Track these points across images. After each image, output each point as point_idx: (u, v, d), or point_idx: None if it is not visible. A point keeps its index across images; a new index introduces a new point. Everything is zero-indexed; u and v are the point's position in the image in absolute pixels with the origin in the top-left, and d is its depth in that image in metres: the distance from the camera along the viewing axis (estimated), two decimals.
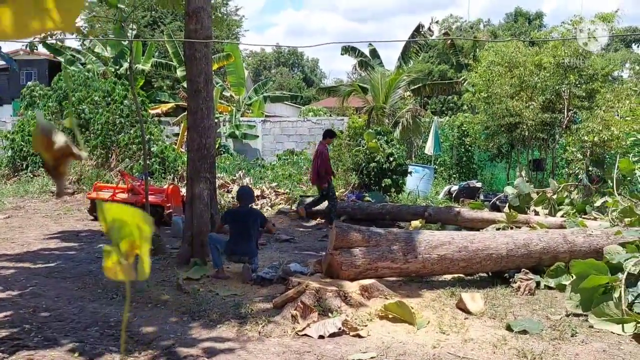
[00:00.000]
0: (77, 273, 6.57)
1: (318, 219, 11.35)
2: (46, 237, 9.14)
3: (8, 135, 17.13)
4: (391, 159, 12.86)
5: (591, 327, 4.81)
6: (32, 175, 15.97)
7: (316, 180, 10.69)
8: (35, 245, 8.39)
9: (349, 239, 5.97)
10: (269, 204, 12.76)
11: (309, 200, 11.41)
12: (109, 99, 15.98)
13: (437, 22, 21.89)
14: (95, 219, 10.90)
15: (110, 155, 15.40)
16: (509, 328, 4.70)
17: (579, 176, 12.15)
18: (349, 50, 21.47)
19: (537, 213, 9.73)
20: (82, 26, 17.49)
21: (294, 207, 12.22)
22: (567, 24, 14.52)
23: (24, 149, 16.51)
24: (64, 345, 4.18)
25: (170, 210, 9.90)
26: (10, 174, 16.71)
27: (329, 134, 10.90)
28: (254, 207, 6.93)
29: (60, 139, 0.87)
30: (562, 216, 9.39)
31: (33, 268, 6.86)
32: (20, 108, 18.77)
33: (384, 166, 12.88)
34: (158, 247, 7.65)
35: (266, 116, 22.62)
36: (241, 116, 21.11)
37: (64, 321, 4.78)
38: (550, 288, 6.10)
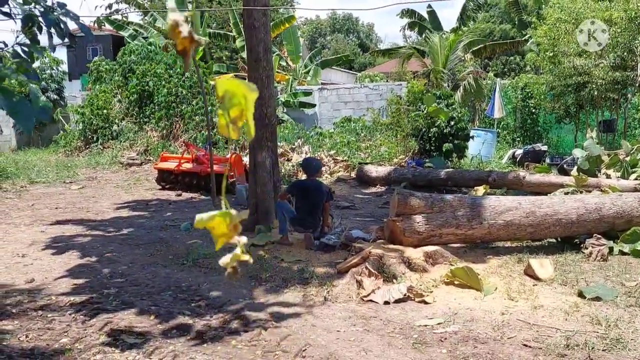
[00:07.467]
0: (149, 240, 6.85)
1: (378, 186, 11.33)
2: (118, 206, 9.56)
3: (78, 109, 17.86)
4: (452, 123, 12.55)
5: None
6: (102, 148, 16.65)
7: None
8: (108, 214, 8.80)
9: (411, 206, 5.93)
10: (328, 172, 12.81)
11: None
12: (172, 71, 16.34)
13: None
14: (163, 188, 11.27)
15: (174, 127, 15.82)
16: (581, 295, 4.56)
17: None
18: (405, 13, 20.93)
19: (608, 176, 9.32)
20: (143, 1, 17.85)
21: (352, 174, 12.22)
22: None
23: (94, 122, 17.18)
24: (140, 308, 4.39)
25: (234, 179, 10.11)
26: (82, 146, 17.50)
27: None
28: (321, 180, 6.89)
29: (185, 28, 1.08)
30: (635, 179, 8.97)
31: (107, 236, 7.21)
32: (89, 83, 19.47)
33: (444, 131, 12.59)
34: None
35: (322, 84, 22.47)
36: (298, 84, 21.07)
37: (139, 286, 5.02)
38: (624, 254, 5.87)
